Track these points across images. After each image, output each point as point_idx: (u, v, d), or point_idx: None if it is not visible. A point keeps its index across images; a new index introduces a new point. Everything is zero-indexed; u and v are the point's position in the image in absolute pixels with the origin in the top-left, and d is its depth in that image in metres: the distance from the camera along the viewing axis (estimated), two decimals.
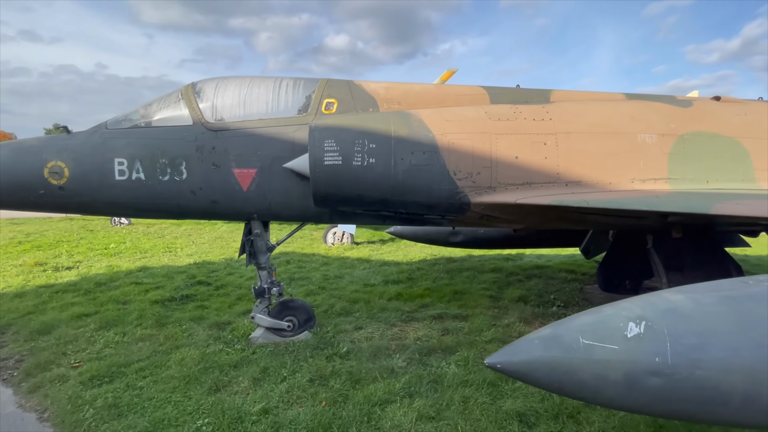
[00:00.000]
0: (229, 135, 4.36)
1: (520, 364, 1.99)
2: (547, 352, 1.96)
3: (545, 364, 1.95)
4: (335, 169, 3.89)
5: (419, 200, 4.04)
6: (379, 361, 4.27)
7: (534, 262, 10.03)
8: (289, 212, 4.57)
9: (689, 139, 4.37)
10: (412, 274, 8.15)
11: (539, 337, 2.04)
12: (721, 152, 4.42)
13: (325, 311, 5.85)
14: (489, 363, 2.05)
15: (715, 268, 5.05)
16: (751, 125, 4.60)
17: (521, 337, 2.13)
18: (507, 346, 2.10)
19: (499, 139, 4.03)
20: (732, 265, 5.07)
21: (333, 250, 11.22)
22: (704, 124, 4.48)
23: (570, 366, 1.92)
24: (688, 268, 5.05)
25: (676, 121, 4.43)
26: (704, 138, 4.42)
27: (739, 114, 4.68)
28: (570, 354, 1.93)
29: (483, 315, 5.61)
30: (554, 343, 1.98)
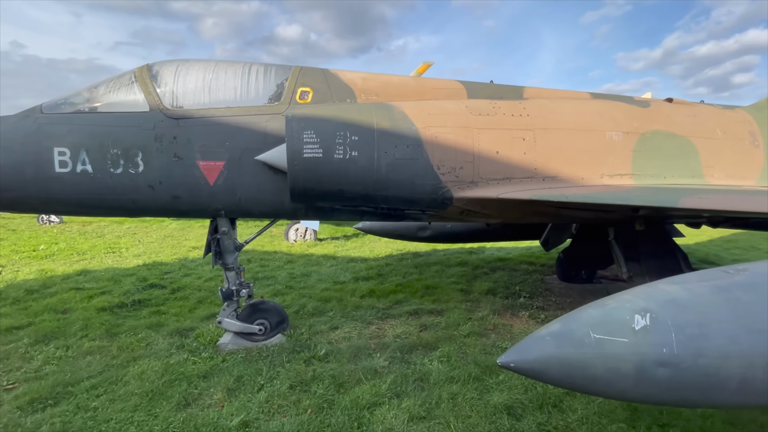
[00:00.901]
0: (192, 124, 3.96)
1: (533, 362, 1.95)
2: (560, 349, 1.95)
3: (559, 361, 1.93)
4: (315, 162, 3.67)
5: (402, 195, 3.94)
6: (360, 361, 4.12)
7: (495, 254, 10.36)
8: (261, 208, 4.27)
9: (649, 138, 4.65)
10: (382, 270, 8.07)
11: (550, 334, 2.02)
12: (675, 150, 4.76)
13: (296, 312, 5.58)
14: (502, 363, 1.99)
15: (667, 257, 5.47)
16: (699, 126, 5.00)
17: (530, 335, 2.10)
18: (517, 344, 2.06)
19: (481, 133, 4.02)
20: (680, 254, 5.51)
21: (296, 247, 10.83)
22: (661, 124, 4.80)
23: (583, 361, 1.92)
24: (644, 258, 5.42)
25: (638, 120, 4.70)
26: (662, 136, 4.73)
27: (690, 115, 5.07)
28: (582, 349, 1.92)
29: (457, 309, 5.65)
30: (566, 338, 1.97)
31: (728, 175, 4.98)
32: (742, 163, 5.08)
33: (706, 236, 13.37)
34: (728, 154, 5.01)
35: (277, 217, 4.58)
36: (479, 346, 4.51)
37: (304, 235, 11.53)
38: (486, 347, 4.49)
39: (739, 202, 3.39)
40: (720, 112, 5.35)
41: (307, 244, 11.16)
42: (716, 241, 13.42)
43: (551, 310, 5.92)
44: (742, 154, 5.09)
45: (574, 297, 6.74)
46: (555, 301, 6.45)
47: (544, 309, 5.99)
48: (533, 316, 5.62)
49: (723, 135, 5.03)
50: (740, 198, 3.54)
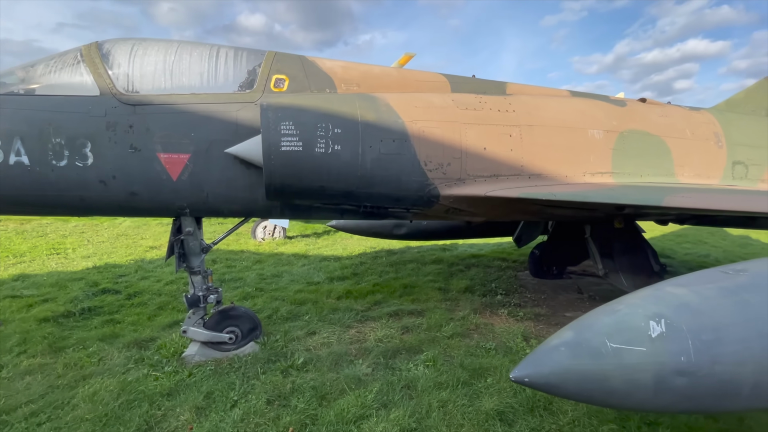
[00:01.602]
0: (152, 111, 3.51)
1: (550, 376, 1.80)
2: (576, 360, 1.81)
3: (576, 374, 1.80)
4: (294, 156, 3.36)
5: (387, 192, 3.71)
6: (342, 369, 3.87)
7: (468, 251, 10.39)
8: (231, 206, 3.89)
9: (627, 136, 4.71)
10: (357, 269, 7.81)
11: (564, 344, 1.88)
12: (650, 149, 4.85)
13: (269, 316, 5.23)
14: (515, 377, 1.83)
15: (639, 254, 5.63)
16: (671, 126, 5.13)
17: (542, 345, 1.95)
18: (529, 356, 1.90)
19: (468, 129, 3.87)
20: (650, 251, 5.69)
21: (264, 245, 10.33)
22: (637, 123, 4.87)
23: (601, 373, 1.79)
24: (617, 254, 5.55)
25: (617, 119, 4.74)
26: (638, 135, 4.80)
27: (662, 115, 5.20)
28: (600, 360, 1.80)
29: (438, 309, 5.52)
30: (582, 349, 1.83)
31: (696, 174, 5.16)
32: (708, 163, 5.29)
33: (659, 232, 14.18)
34: (696, 154, 5.19)
35: (249, 216, 4.21)
36: (463, 347, 4.39)
37: (272, 233, 11.03)
38: (470, 348, 4.38)
39: (717, 201, 3.45)
40: (688, 113, 5.54)
41: (276, 242, 10.68)
42: (668, 236, 14.26)
43: (528, 307, 5.94)
44: (707, 154, 5.29)
45: (548, 293, 6.83)
46: (530, 298, 6.49)
47: (521, 306, 6.00)
48: (512, 313, 5.60)
49: (692, 135, 5.21)
50: (718, 197, 3.62)
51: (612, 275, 5.43)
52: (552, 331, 5.07)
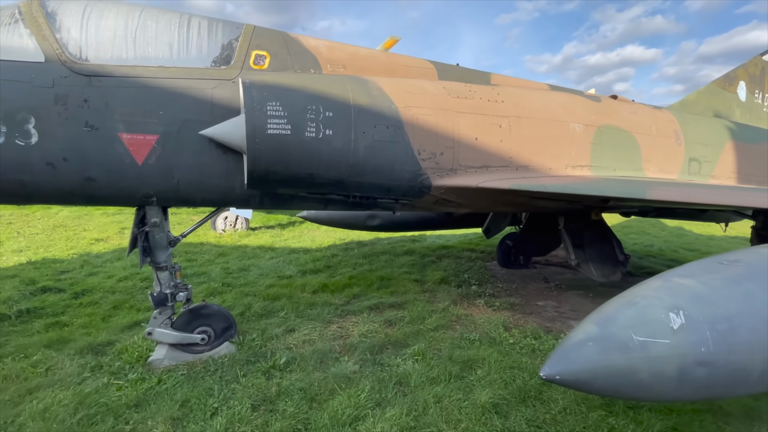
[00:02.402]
0: (111, 84, 3.05)
1: (580, 373, 1.75)
2: (606, 356, 1.77)
3: (606, 369, 1.76)
4: (282, 140, 3.07)
5: (379, 182, 3.53)
6: (328, 368, 3.68)
7: (437, 242, 10.48)
8: (205, 195, 3.52)
9: (603, 131, 4.86)
10: (329, 262, 7.57)
11: (591, 339, 1.83)
12: (623, 144, 5.05)
13: (241, 314, 4.88)
14: (546, 376, 1.76)
15: (606, 244, 5.91)
16: (639, 122, 5.38)
17: (566, 341, 1.89)
18: (557, 353, 1.84)
19: (461, 117, 3.77)
20: (615, 242, 6.00)
21: (226, 237, 9.73)
22: (612, 119, 5.05)
23: (630, 367, 1.77)
24: (587, 245, 5.79)
25: (595, 114, 4.87)
26: (613, 131, 4.98)
27: (632, 112, 5.44)
28: (628, 354, 1.78)
29: (418, 301, 5.46)
30: (610, 344, 1.80)
31: (659, 169, 5.47)
32: (669, 159, 5.62)
33: None
34: (660, 150, 5.49)
35: (224, 206, 3.84)
36: (448, 340, 4.36)
37: (234, 224, 10.42)
38: (455, 340, 4.35)
39: (694, 195, 3.64)
40: (652, 111, 5.85)
41: (239, 234, 10.10)
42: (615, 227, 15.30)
43: (502, 297, 6.06)
44: (669, 151, 5.63)
45: (518, 282, 7.03)
46: (503, 288, 6.64)
47: (496, 296, 6.11)
48: (489, 303, 5.68)
49: (656, 132, 5.50)
50: (694, 191, 3.82)
51: (583, 265, 5.66)
52: (528, 320, 5.21)
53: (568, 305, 5.92)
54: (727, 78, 7.78)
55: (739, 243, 13.09)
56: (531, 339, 4.43)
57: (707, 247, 11.62)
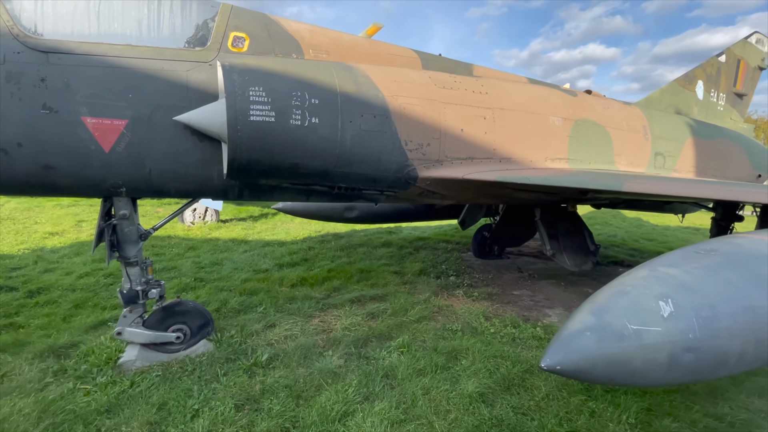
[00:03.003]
0: (73, 62, 2.77)
1: (580, 362, 1.78)
2: (604, 344, 1.81)
3: (603, 357, 1.80)
4: (266, 127, 2.91)
5: (365, 173, 3.44)
6: (313, 363, 3.60)
7: (413, 234, 10.52)
8: (180, 185, 3.30)
9: (580, 125, 4.99)
10: (306, 255, 7.41)
11: (588, 328, 1.86)
12: (597, 138, 5.22)
13: (217, 310, 4.68)
14: (547, 366, 1.77)
15: (578, 235, 6.13)
16: (612, 117, 5.57)
17: (564, 331, 1.91)
18: (556, 343, 1.86)
19: (447, 108, 3.74)
20: (587, 232, 6.23)
21: (195, 230, 9.30)
22: (587, 113, 5.19)
23: (625, 355, 1.82)
24: (561, 236, 5.98)
25: (572, 108, 4.99)
26: (588, 125, 5.12)
27: (605, 107, 5.62)
28: (623, 342, 1.82)
29: (399, 293, 5.45)
30: (607, 333, 1.84)
31: (629, 162, 5.71)
32: (637, 153, 5.87)
33: None
34: (629, 145, 5.72)
35: (200, 197, 3.63)
36: (432, 331, 4.38)
37: (203, 217, 9.98)
38: (438, 331, 4.38)
39: (667, 187, 3.81)
40: (623, 107, 6.07)
41: (209, 226, 9.69)
42: None
43: (480, 287, 6.17)
44: (637, 145, 5.87)
45: (493, 272, 7.18)
46: (479, 278, 6.76)
47: (474, 286, 6.21)
48: (468, 294, 5.76)
49: (627, 127, 5.72)
50: (667, 184, 3.99)
51: (557, 255, 5.84)
52: (507, 310, 5.34)
53: (542, 294, 6.12)
54: (687, 77, 8.22)
55: (691, 233, 14.05)
56: (511, 328, 4.53)
57: (664, 237, 12.38)
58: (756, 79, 9.83)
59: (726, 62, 8.85)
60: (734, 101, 9.29)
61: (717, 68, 8.69)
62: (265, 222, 10.90)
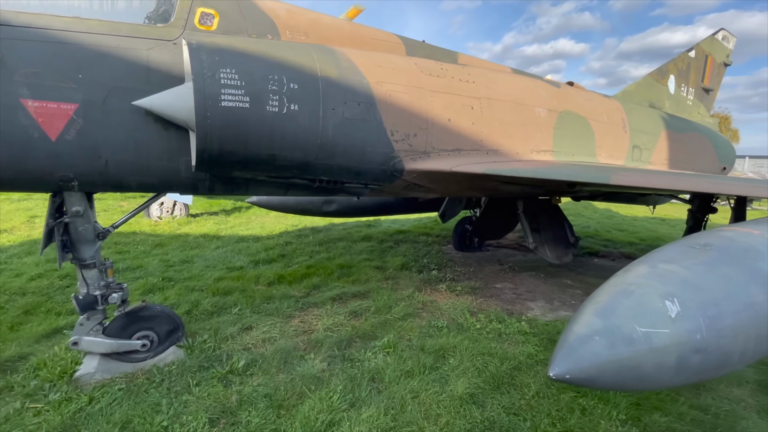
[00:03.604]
0: (9, 35, 2.39)
1: (590, 370, 1.65)
2: (614, 350, 1.69)
3: (614, 363, 1.68)
4: (239, 114, 2.63)
5: (349, 165, 3.21)
6: (293, 368, 3.38)
7: (393, 227, 10.37)
8: (143, 178, 2.96)
9: (564, 117, 4.93)
10: (283, 250, 7.10)
11: (596, 332, 1.74)
12: (580, 130, 5.19)
13: (188, 312, 4.36)
14: (556, 376, 1.64)
15: (558, 227, 6.14)
16: (594, 110, 5.56)
17: (569, 335, 1.78)
18: (563, 350, 1.72)
19: (434, 97, 3.55)
20: (567, 224, 6.26)
21: (162, 225, 8.76)
22: (571, 105, 5.14)
23: (635, 360, 1.71)
24: (543, 228, 5.97)
25: (556, 99, 4.92)
26: (572, 116, 5.07)
27: (587, 99, 5.59)
28: (634, 347, 1.71)
29: (382, 289, 5.28)
30: (616, 337, 1.72)
31: (609, 155, 5.73)
32: (617, 145, 5.91)
33: None
34: (610, 137, 5.74)
35: (167, 191, 3.29)
36: (417, 329, 4.24)
37: (171, 211, 9.42)
38: (424, 329, 4.25)
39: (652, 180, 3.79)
40: (603, 99, 6.09)
41: (178, 221, 9.16)
42: None
43: (463, 281, 6.09)
44: (617, 138, 5.91)
45: (474, 265, 7.14)
46: (461, 272, 6.70)
47: (456, 280, 6.14)
48: (451, 288, 5.67)
49: (608, 120, 5.73)
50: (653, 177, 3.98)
51: (539, 248, 5.83)
52: (491, 304, 5.28)
53: (524, 287, 6.11)
54: (660, 71, 8.39)
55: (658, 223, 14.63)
56: (496, 323, 4.46)
57: (633, 227, 12.80)
58: (721, 75, 10.19)
59: (695, 57, 9.11)
60: (702, 96, 9.60)
61: (687, 63, 8.92)
62: (238, 216, 10.44)
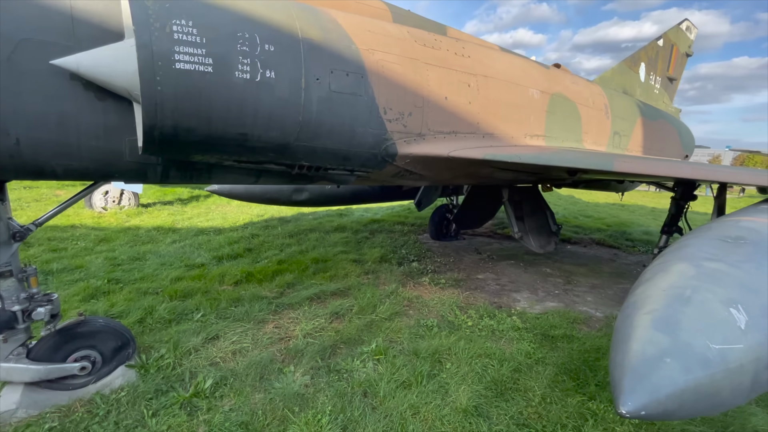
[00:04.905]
0: None
1: (667, 402, 1.34)
2: (690, 374, 1.39)
3: (693, 392, 1.38)
4: (198, 80, 2.05)
5: (335, 148, 2.72)
6: (272, 385, 2.90)
7: (366, 216, 9.93)
8: (71, 162, 2.31)
9: (555, 100, 4.67)
10: (250, 244, 6.46)
11: (665, 353, 1.43)
12: (569, 115, 4.96)
13: (140, 321, 3.72)
14: (630, 413, 1.30)
15: (541, 216, 5.99)
16: (580, 94, 5.36)
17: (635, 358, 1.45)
18: (629, 377, 1.40)
19: (430, 71, 3.11)
20: (549, 212, 6.12)
21: (108, 217, 7.75)
22: (561, 87, 4.89)
23: (714, 384, 1.42)
24: (527, 216, 5.78)
25: (547, 81, 4.64)
26: (562, 100, 4.83)
27: (573, 83, 5.37)
28: (711, 369, 1.42)
29: (363, 285, 4.87)
30: (690, 358, 1.42)
31: (593, 141, 5.59)
32: (600, 132, 5.79)
33: None
34: (594, 123, 5.60)
35: (107, 179, 2.64)
36: (406, 329, 3.88)
37: (118, 201, 8.38)
38: (413, 329, 3.90)
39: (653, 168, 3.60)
40: (587, 84, 5.91)
41: (126, 212, 8.16)
42: None
43: (445, 272, 5.82)
44: (600, 123, 5.78)
45: (453, 255, 6.90)
46: (441, 262, 6.43)
47: (438, 272, 5.85)
48: (434, 281, 5.37)
49: (593, 105, 5.56)
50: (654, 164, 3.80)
51: (524, 237, 5.64)
52: (477, 297, 5.01)
53: (506, 277, 5.93)
54: (633, 59, 8.42)
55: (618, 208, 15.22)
56: (488, 319, 4.19)
57: (597, 213, 13.18)
58: (683, 66, 10.49)
59: (663, 47, 9.25)
60: (667, 85, 9.83)
61: (656, 52, 9.04)
62: (196, 205, 9.53)
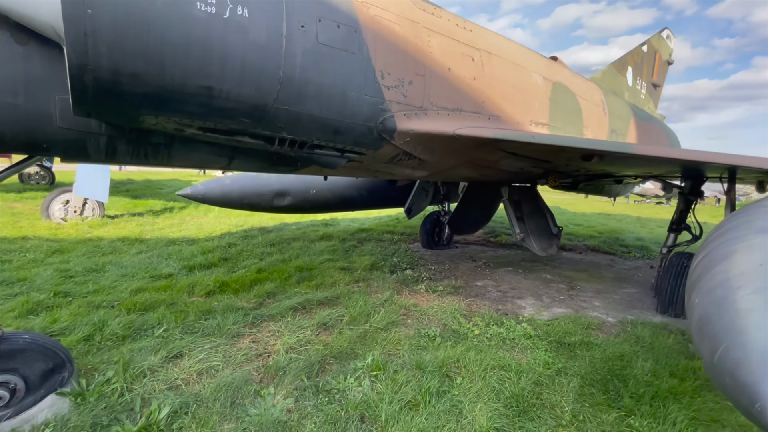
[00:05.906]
0: None
1: None
2: None
3: None
4: (147, 11, 1.57)
5: (323, 116, 2.25)
6: (245, 411, 2.33)
7: (353, 226, 9.44)
8: None
9: (557, 88, 4.38)
10: (226, 253, 5.85)
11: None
12: (571, 106, 4.68)
13: (87, 339, 3.08)
14: None
15: (540, 216, 5.63)
16: (579, 87, 5.11)
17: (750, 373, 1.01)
18: None
19: (432, 37, 2.72)
20: (548, 213, 5.77)
21: (67, 228, 6.98)
22: (561, 77, 4.61)
23: None
24: (527, 217, 5.42)
25: (548, 69, 4.35)
26: (563, 90, 4.54)
27: (573, 75, 5.13)
28: None
29: (354, 294, 4.34)
30: None
31: (593, 136, 5.32)
32: (599, 127, 5.54)
33: None
34: (594, 118, 5.35)
35: (32, 152, 2.09)
36: (406, 340, 3.37)
37: (80, 211, 7.63)
38: (414, 340, 3.39)
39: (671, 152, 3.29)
40: (584, 80, 5.70)
41: (89, 223, 7.40)
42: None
43: (441, 280, 5.36)
44: (599, 119, 5.54)
45: (448, 263, 6.47)
46: (436, 270, 5.98)
47: (433, 279, 5.39)
48: (431, 288, 4.90)
49: (591, 99, 5.33)
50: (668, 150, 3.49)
51: (526, 239, 5.26)
52: (480, 305, 4.54)
53: (506, 283, 5.52)
54: (620, 62, 8.38)
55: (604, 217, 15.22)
56: (496, 327, 3.73)
57: (587, 222, 13.08)
58: (665, 73, 10.61)
59: (647, 52, 9.30)
60: (651, 91, 9.87)
61: (641, 57, 9.07)
62: (169, 216, 8.83)
